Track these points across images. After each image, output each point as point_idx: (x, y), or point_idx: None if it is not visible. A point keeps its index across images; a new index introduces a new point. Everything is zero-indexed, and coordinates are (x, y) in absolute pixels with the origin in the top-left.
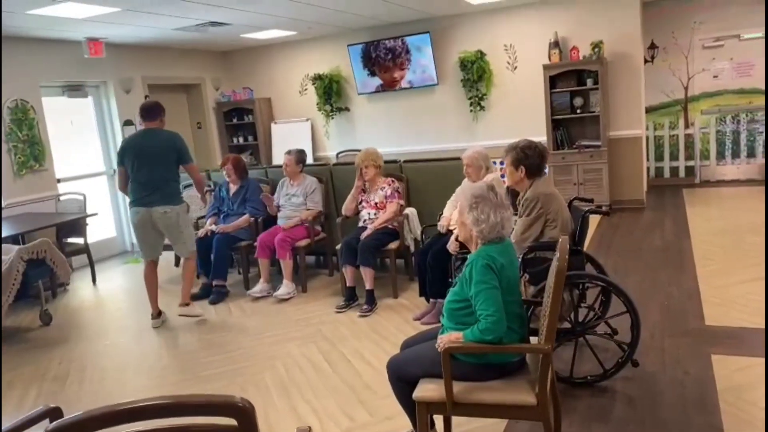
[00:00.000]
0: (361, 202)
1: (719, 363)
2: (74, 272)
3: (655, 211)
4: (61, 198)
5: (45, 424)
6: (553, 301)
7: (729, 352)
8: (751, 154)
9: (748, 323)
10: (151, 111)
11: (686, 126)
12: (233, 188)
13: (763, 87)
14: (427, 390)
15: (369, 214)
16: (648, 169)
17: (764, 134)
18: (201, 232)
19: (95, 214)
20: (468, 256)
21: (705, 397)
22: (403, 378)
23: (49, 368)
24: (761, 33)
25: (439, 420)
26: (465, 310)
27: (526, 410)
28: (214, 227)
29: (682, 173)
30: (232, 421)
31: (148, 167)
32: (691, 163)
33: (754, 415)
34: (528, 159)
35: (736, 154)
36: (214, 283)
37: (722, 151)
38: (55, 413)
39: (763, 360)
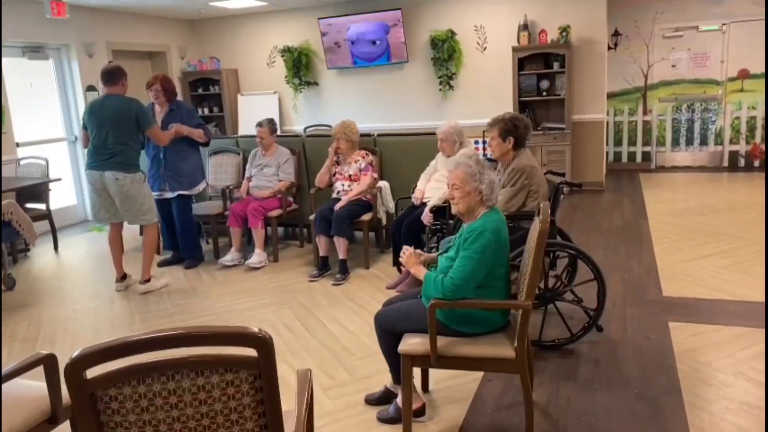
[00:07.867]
0: (334, 174)
1: (676, 329)
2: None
3: (614, 193)
4: (22, 162)
5: (39, 371)
6: (534, 261)
7: (685, 319)
8: (703, 142)
9: (701, 295)
10: (112, 75)
11: (644, 113)
12: (160, 113)
13: (717, 77)
14: (412, 344)
15: (343, 185)
16: (607, 153)
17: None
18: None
19: (59, 179)
20: (443, 226)
21: (664, 359)
22: (390, 331)
23: (17, 330)
24: (717, 26)
25: (417, 378)
26: None
27: (505, 363)
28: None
29: (638, 158)
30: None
31: (106, 132)
32: (647, 148)
33: (708, 374)
34: (517, 130)
35: (689, 142)
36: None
37: (677, 138)
38: (50, 360)
39: (716, 326)
